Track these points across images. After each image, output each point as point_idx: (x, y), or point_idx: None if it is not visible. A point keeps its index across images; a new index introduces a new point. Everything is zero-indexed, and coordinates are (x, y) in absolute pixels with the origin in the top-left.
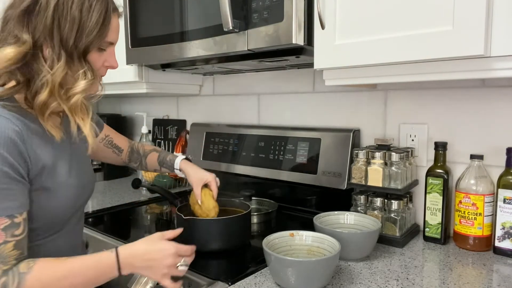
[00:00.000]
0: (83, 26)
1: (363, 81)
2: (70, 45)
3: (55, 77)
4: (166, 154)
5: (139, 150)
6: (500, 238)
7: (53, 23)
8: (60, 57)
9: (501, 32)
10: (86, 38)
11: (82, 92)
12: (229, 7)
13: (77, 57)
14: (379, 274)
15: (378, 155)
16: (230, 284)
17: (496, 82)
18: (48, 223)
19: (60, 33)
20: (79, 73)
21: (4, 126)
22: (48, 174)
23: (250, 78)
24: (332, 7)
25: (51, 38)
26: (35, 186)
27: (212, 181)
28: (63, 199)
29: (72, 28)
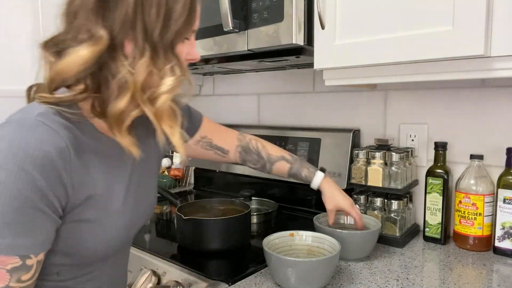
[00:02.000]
0: (170, 12)
1: (363, 81)
2: (156, 36)
3: (138, 77)
4: (301, 167)
5: (260, 152)
6: (500, 238)
7: (136, 11)
8: (143, 52)
9: (501, 32)
10: (173, 26)
11: (169, 92)
12: (229, 7)
13: (163, 51)
14: (379, 274)
15: (378, 155)
16: (230, 284)
17: (496, 82)
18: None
19: (143, 23)
20: (166, 69)
21: (45, 140)
22: (96, 203)
23: (250, 78)
24: (332, 7)
25: (133, 30)
26: (75, 217)
27: (350, 210)
28: (109, 233)
29: (158, 16)
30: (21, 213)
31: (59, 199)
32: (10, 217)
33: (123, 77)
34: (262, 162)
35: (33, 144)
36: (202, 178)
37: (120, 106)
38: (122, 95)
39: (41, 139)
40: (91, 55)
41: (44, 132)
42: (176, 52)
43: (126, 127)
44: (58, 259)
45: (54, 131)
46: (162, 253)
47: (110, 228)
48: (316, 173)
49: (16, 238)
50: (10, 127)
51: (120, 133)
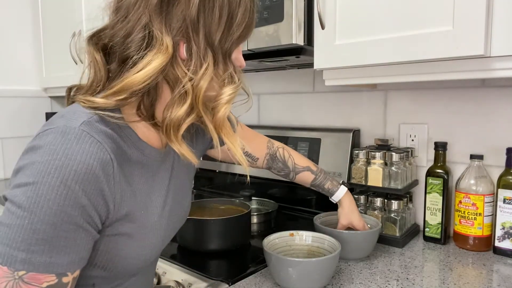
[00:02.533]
0: (231, 17)
1: (363, 81)
2: (216, 42)
3: (201, 83)
4: (325, 179)
5: (287, 161)
6: (500, 238)
7: (199, 13)
8: (206, 57)
9: (501, 32)
10: (235, 33)
11: (229, 101)
12: None
13: (222, 57)
14: (379, 274)
15: (378, 155)
16: (230, 284)
17: (496, 82)
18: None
19: (205, 27)
20: (225, 76)
21: (90, 153)
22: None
23: (250, 78)
24: (332, 7)
25: (196, 33)
26: (113, 231)
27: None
28: (146, 246)
29: (220, 20)
30: (60, 230)
31: (100, 215)
32: (48, 234)
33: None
34: (287, 171)
35: (78, 157)
36: (202, 178)
37: (180, 113)
38: (183, 102)
39: (85, 151)
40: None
41: (89, 144)
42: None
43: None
44: (96, 271)
45: (99, 143)
46: (162, 253)
47: (147, 242)
48: (339, 187)
49: (53, 255)
50: (54, 136)
51: (177, 141)
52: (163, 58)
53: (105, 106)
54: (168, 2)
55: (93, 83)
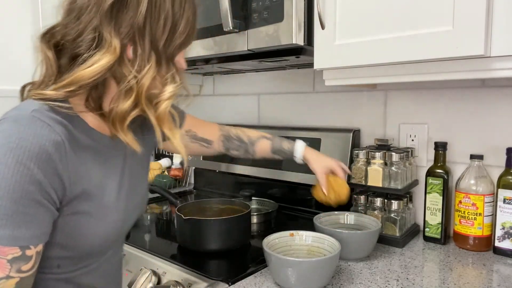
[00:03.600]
0: (175, 25)
1: (363, 81)
2: (161, 46)
3: (144, 82)
4: (281, 141)
5: (241, 137)
6: (500, 238)
7: (146, 20)
8: (150, 59)
9: (501, 32)
10: (178, 39)
11: (170, 98)
12: (229, 7)
13: (165, 60)
14: (379, 274)
15: (378, 155)
16: (230, 284)
17: (496, 82)
18: (84, 252)
19: (151, 32)
20: (167, 76)
21: (42, 135)
22: (91, 197)
23: (250, 78)
24: (332, 7)
25: (142, 37)
26: (71, 209)
27: (337, 167)
28: (105, 226)
29: (164, 27)
30: (21, 205)
31: (56, 191)
32: (10, 209)
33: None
34: (244, 147)
35: (30, 138)
36: (202, 178)
37: (124, 107)
38: (128, 97)
39: (37, 133)
40: (109, 64)
41: (40, 127)
42: (175, 62)
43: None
44: (59, 252)
45: (49, 126)
46: (162, 253)
47: (105, 222)
48: (296, 142)
49: (16, 229)
50: (7, 124)
51: (122, 131)
52: (111, 58)
53: (55, 97)
54: (118, 9)
55: (45, 78)
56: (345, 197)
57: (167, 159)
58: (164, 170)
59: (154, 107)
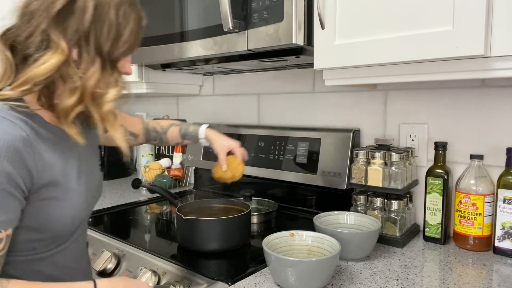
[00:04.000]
0: (119, 33)
1: (363, 81)
2: (105, 51)
3: (89, 83)
4: (188, 126)
5: (156, 128)
6: (500, 238)
7: (90, 27)
8: (94, 62)
9: (501, 32)
10: (122, 47)
11: (114, 100)
12: (229, 7)
13: (110, 64)
14: (379, 274)
15: (378, 155)
16: (230, 284)
17: (496, 82)
18: (57, 233)
19: (96, 38)
20: (111, 80)
21: (9, 132)
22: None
23: (250, 78)
24: (332, 7)
25: (87, 42)
26: (41, 196)
27: (236, 147)
28: (72, 208)
29: (108, 35)
30: None
31: (25, 182)
32: None
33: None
34: (159, 136)
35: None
36: (202, 178)
37: (69, 103)
38: (73, 95)
39: (4, 131)
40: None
41: (6, 125)
42: (118, 66)
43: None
44: (34, 235)
45: (15, 123)
46: (162, 253)
47: (72, 204)
48: (201, 126)
49: None
50: None
51: (67, 124)
52: (59, 58)
53: (13, 96)
54: (65, 14)
55: (4, 78)
56: (240, 175)
57: (167, 159)
58: (164, 170)
59: (98, 107)
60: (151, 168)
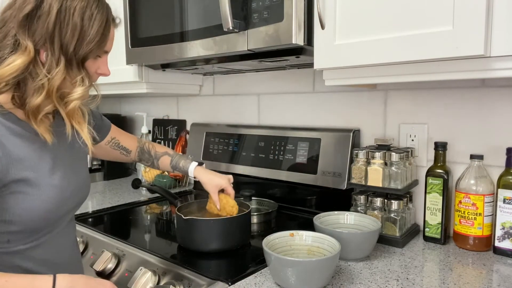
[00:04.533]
0: (84, 34)
1: (363, 81)
2: (70, 52)
3: (54, 82)
4: (179, 159)
5: (150, 151)
6: (500, 238)
7: (55, 28)
8: (59, 62)
9: (501, 32)
10: (86, 47)
11: (79, 99)
12: (229, 7)
13: (76, 64)
14: (379, 274)
15: (378, 155)
16: (230, 284)
17: (496, 82)
18: (29, 226)
19: (60, 39)
20: (77, 79)
21: None
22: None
23: (250, 78)
24: (332, 7)
25: (51, 43)
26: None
27: (227, 186)
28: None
29: (73, 35)
30: None
31: None
32: None
33: (40, 80)
34: (151, 159)
35: None
36: None
37: (36, 102)
38: (39, 94)
39: None
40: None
41: None
42: (86, 66)
43: (40, 118)
44: (7, 227)
45: None
46: (162, 253)
47: (44, 198)
48: (191, 163)
49: None
50: None
51: (36, 122)
52: (25, 58)
53: None
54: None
55: None
56: (236, 212)
57: None
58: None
59: (65, 105)
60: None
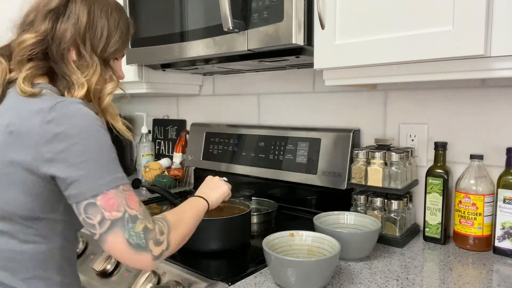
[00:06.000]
0: (110, 36)
1: (363, 81)
2: (99, 52)
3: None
4: None
5: None
6: (500, 238)
7: (86, 29)
8: (93, 61)
9: (501, 32)
10: (111, 47)
11: (111, 94)
12: (229, 7)
13: (104, 63)
14: (379, 274)
15: (378, 155)
16: (230, 284)
17: (496, 82)
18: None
19: (92, 39)
20: (107, 76)
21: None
22: None
23: (250, 78)
24: (332, 7)
25: (84, 42)
26: None
27: None
28: None
29: (103, 36)
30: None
31: None
32: None
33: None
34: None
35: None
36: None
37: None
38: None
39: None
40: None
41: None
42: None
43: None
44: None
45: None
46: None
47: None
48: None
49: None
50: None
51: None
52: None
53: None
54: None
55: None
56: None
57: (167, 159)
58: (164, 170)
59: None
60: (151, 168)
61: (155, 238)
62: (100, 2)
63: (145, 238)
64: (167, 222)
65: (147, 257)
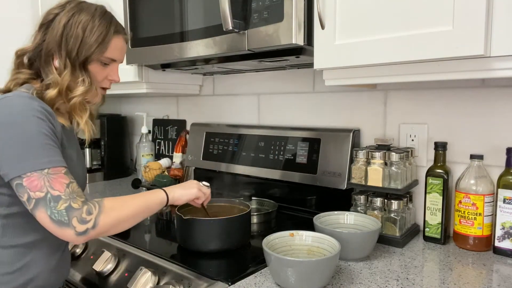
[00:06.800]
0: (84, 42)
1: (363, 81)
2: (73, 56)
3: (63, 82)
4: None
5: None
6: (500, 238)
7: (62, 38)
8: (66, 66)
9: (501, 32)
10: (86, 52)
11: (80, 96)
12: (229, 7)
13: (78, 67)
14: (379, 274)
15: (378, 155)
16: (230, 284)
17: (496, 82)
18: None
19: (66, 46)
20: (79, 80)
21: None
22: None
23: (250, 78)
24: (332, 7)
25: (60, 50)
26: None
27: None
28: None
29: (75, 43)
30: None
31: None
32: None
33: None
34: None
35: None
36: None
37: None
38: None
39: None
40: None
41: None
42: (90, 69)
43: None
44: None
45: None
46: (162, 253)
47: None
48: None
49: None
50: None
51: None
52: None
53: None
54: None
55: None
56: None
57: (167, 159)
58: (164, 170)
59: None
60: (151, 168)
61: (79, 216)
62: (83, 12)
63: (67, 216)
64: (100, 205)
65: (69, 232)
